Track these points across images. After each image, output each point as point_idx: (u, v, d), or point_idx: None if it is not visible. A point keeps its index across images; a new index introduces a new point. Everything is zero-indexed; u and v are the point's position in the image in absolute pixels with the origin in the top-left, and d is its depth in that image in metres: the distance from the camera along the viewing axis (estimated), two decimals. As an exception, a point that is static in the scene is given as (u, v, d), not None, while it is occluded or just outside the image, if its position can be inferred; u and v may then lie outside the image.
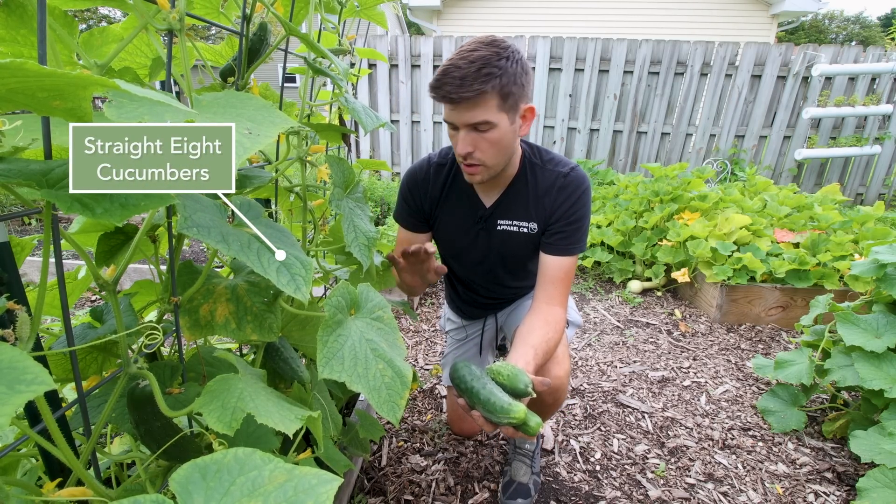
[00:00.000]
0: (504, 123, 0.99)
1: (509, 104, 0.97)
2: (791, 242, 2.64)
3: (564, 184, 1.13)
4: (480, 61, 0.92)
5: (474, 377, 0.85)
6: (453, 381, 0.89)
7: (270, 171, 0.81)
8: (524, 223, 1.18)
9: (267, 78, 3.85)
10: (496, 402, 0.79)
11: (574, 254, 1.15)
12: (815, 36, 26.50)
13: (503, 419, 0.78)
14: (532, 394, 0.83)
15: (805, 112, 4.66)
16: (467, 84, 0.92)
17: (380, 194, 3.94)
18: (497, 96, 0.95)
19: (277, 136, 0.66)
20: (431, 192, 1.23)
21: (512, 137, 1.03)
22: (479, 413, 0.82)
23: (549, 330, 1.06)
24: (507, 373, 0.85)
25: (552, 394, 1.15)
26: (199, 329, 0.65)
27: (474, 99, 0.94)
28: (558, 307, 1.13)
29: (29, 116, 0.45)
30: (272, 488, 0.34)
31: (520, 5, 7.62)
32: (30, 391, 0.30)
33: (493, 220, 1.20)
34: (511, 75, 0.94)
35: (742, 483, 1.42)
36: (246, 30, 0.67)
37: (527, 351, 0.98)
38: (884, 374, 1.34)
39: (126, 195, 0.42)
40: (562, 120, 4.96)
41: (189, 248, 3.40)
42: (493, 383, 0.84)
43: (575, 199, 1.13)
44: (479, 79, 0.92)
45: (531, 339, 1.02)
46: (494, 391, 0.81)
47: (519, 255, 1.24)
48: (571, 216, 1.13)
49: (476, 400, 0.82)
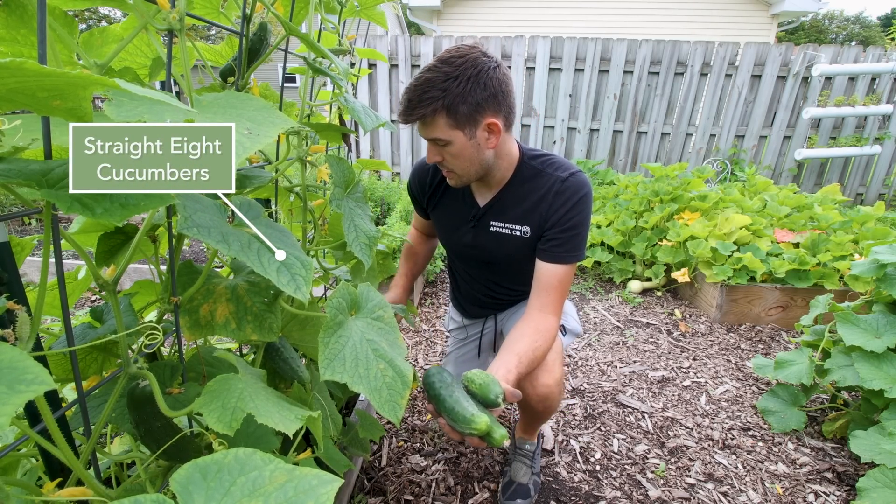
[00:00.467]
0: (460, 139, 1.01)
1: (462, 122, 0.99)
2: (791, 242, 2.64)
3: (561, 189, 1.11)
4: (425, 85, 0.96)
5: (443, 384, 0.84)
6: (424, 385, 0.89)
7: (270, 171, 0.81)
8: (516, 226, 1.18)
9: (267, 78, 3.85)
10: (459, 412, 0.78)
11: (570, 263, 1.12)
12: (815, 36, 26.50)
13: (465, 429, 0.77)
14: (501, 405, 0.82)
15: (805, 112, 4.66)
16: (412, 107, 0.98)
17: (380, 194, 3.93)
18: (444, 116, 0.98)
19: (277, 136, 0.66)
20: (430, 186, 1.30)
21: (474, 151, 1.05)
22: (445, 421, 0.82)
23: (539, 338, 1.06)
24: (479, 381, 0.84)
25: (542, 402, 1.15)
26: (199, 329, 0.65)
27: (422, 120, 1.00)
28: (551, 315, 1.11)
29: (29, 116, 0.45)
30: (272, 489, 0.34)
31: (520, 5, 7.62)
32: (30, 391, 0.30)
33: (485, 220, 1.22)
34: (457, 95, 0.96)
35: (742, 483, 1.42)
36: (246, 30, 0.67)
37: (510, 359, 0.98)
38: (884, 374, 1.34)
39: (126, 195, 0.42)
40: (562, 120, 4.96)
41: (189, 248, 3.40)
42: (463, 392, 0.83)
43: (571, 206, 1.10)
44: (422, 103, 0.96)
45: (517, 347, 1.02)
46: (460, 400, 0.80)
47: (513, 257, 1.24)
48: (567, 222, 1.10)
49: (442, 408, 0.82)
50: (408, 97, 0.99)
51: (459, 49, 0.98)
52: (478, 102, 0.97)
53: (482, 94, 0.97)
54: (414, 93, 0.97)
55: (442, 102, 0.96)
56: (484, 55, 0.98)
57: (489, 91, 0.97)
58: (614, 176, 4.35)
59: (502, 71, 1.00)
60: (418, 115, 0.98)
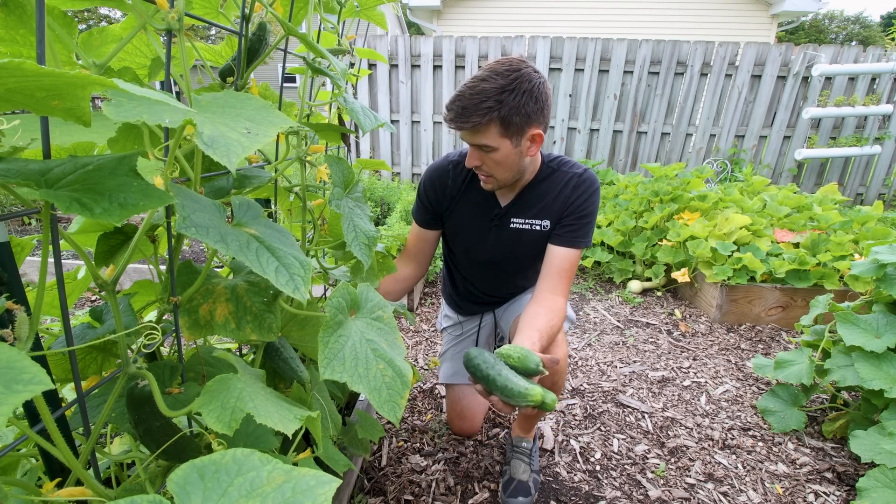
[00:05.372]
0: (506, 147, 1.06)
1: (512, 131, 1.04)
2: (791, 242, 2.64)
3: (579, 182, 1.22)
4: (482, 95, 1.00)
5: (488, 365, 0.90)
6: (468, 369, 0.94)
7: (270, 170, 0.81)
8: (537, 221, 1.25)
9: (267, 78, 3.85)
10: (513, 388, 0.84)
11: (580, 247, 1.22)
12: (815, 36, 26.49)
13: (521, 402, 0.83)
14: (544, 371, 0.89)
15: (805, 112, 4.66)
16: (467, 114, 1.01)
17: (380, 194, 3.93)
18: (497, 125, 1.03)
19: (276, 135, 0.66)
20: (451, 189, 1.31)
21: (517, 158, 1.10)
22: (498, 398, 0.88)
23: (553, 317, 1.12)
24: (517, 355, 0.90)
25: (551, 376, 1.20)
26: (199, 329, 0.65)
27: (474, 127, 1.03)
28: (560, 297, 1.19)
29: (28, 116, 0.45)
30: (270, 489, 0.34)
31: (520, 5, 7.62)
32: (27, 391, 0.30)
33: (507, 219, 1.27)
34: (513, 107, 1.01)
35: (742, 483, 1.42)
36: (245, 30, 0.67)
37: (532, 334, 1.04)
38: (884, 374, 1.34)
39: (125, 195, 0.42)
40: (562, 120, 4.96)
41: (189, 248, 3.40)
42: (507, 368, 0.89)
43: (588, 196, 1.21)
44: (479, 111, 1.00)
45: (536, 323, 1.08)
46: (510, 377, 0.86)
47: (528, 252, 1.30)
48: (583, 210, 1.21)
49: (494, 387, 0.87)
50: (462, 104, 1.02)
51: (512, 62, 1.03)
52: (528, 115, 1.03)
53: (533, 108, 1.03)
54: (470, 101, 1.01)
55: (498, 113, 1.01)
56: (535, 70, 1.05)
57: (539, 105, 1.04)
58: (614, 176, 4.35)
59: (547, 86, 1.07)
60: (474, 122, 1.01)
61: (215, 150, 0.41)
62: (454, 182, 1.30)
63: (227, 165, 0.40)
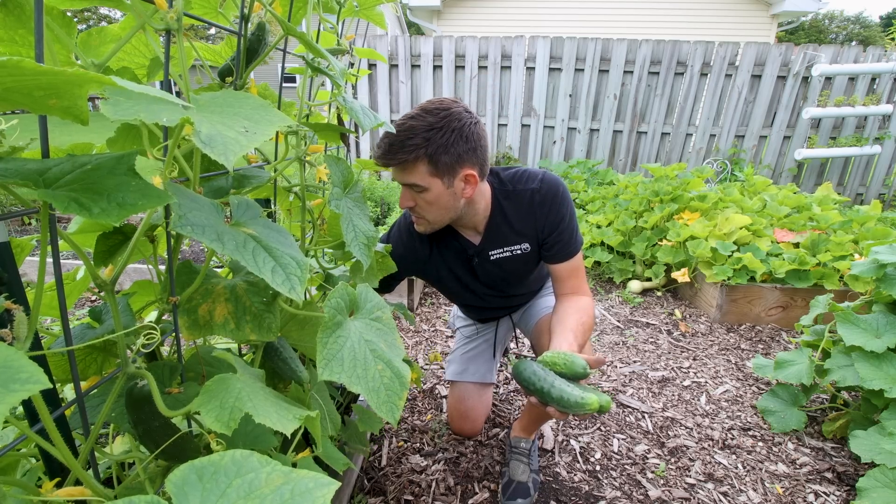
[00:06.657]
0: (438, 187, 1.04)
1: (442, 171, 1.02)
2: (791, 242, 2.64)
3: (541, 199, 1.17)
4: (409, 132, 0.99)
5: (539, 377, 0.92)
6: (520, 382, 0.96)
7: (269, 170, 0.81)
8: (515, 247, 1.22)
9: (266, 78, 3.84)
10: (569, 399, 0.87)
11: (577, 252, 1.20)
12: (815, 36, 26.49)
13: (580, 411, 0.86)
14: (590, 373, 0.91)
15: (805, 112, 4.65)
16: (394, 151, 1.01)
17: (380, 194, 3.93)
18: (426, 163, 1.01)
19: (274, 134, 0.65)
20: (420, 254, 1.28)
21: (450, 199, 1.08)
22: (555, 408, 0.90)
23: (583, 315, 1.12)
24: (562, 361, 0.92)
25: None
26: (198, 329, 0.65)
27: (402, 165, 1.02)
28: (583, 295, 1.19)
29: (26, 116, 0.45)
30: (269, 491, 0.34)
31: (520, 5, 7.62)
32: (24, 390, 0.30)
33: (485, 254, 1.25)
34: (440, 145, 0.99)
35: (742, 483, 1.42)
36: (244, 30, 0.67)
37: (567, 335, 1.05)
38: (884, 374, 1.34)
39: (123, 194, 0.42)
40: (562, 120, 4.96)
41: (188, 248, 3.40)
42: (557, 378, 0.91)
43: (556, 208, 1.17)
44: (405, 149, 0.99)
45: (568, 323, 1.09)
46: (564, 388, 0.88)
47: (520, 272, 1.29)
48: (559, 224, 1.17)
49: (549, 399, 0.90)
50: (389, 142, 1.01)
51: (443, 102, 1.02)
52: (459, 154, 1.01)
53: (464, 147, 1.01)
54: (397, 138, 1.00)
55: (425, 150, 0.99)
56: (466, 110, 1.03)
57: (470, 145, 1.02)
58: (614, 176, 4.35)
59: (480, 126, 1.06)
60: (401, 158, 1.01)
61: (213, 149, 0.41)
62: (421, 246, 1.27)
63: (225, 164, 0.40)
